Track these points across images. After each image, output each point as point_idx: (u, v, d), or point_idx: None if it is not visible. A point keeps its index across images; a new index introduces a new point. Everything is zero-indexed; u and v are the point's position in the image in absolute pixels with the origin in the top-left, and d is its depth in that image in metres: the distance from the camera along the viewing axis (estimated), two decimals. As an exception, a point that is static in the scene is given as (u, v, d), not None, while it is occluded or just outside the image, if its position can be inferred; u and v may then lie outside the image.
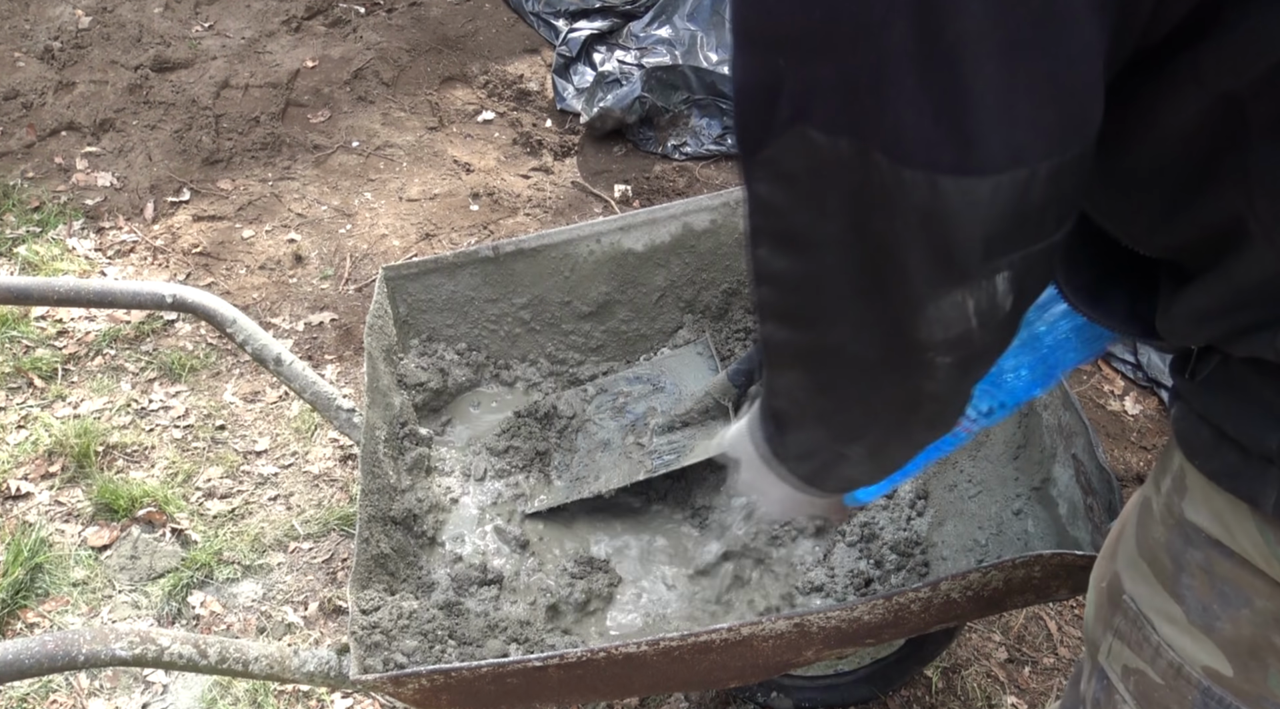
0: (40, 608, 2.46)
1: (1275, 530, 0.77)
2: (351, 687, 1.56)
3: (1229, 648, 0.85)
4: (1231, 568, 0.83)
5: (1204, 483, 0.83)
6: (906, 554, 1.82)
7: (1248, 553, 0.80)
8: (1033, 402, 1.64)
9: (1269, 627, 0.81)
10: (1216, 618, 0.85)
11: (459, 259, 2.07)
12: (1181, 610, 0.88)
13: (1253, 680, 0.84)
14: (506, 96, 4.08)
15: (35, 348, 3.08)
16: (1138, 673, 0.95)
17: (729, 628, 1.42)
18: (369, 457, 1.79)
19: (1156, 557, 0.91)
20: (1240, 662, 0.85)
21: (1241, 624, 0.83)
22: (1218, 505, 0.82)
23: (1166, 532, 0.89)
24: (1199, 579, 0.86)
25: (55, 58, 4.14)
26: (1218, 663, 0.86)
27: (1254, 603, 0.82)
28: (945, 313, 0.71)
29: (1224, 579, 0.84)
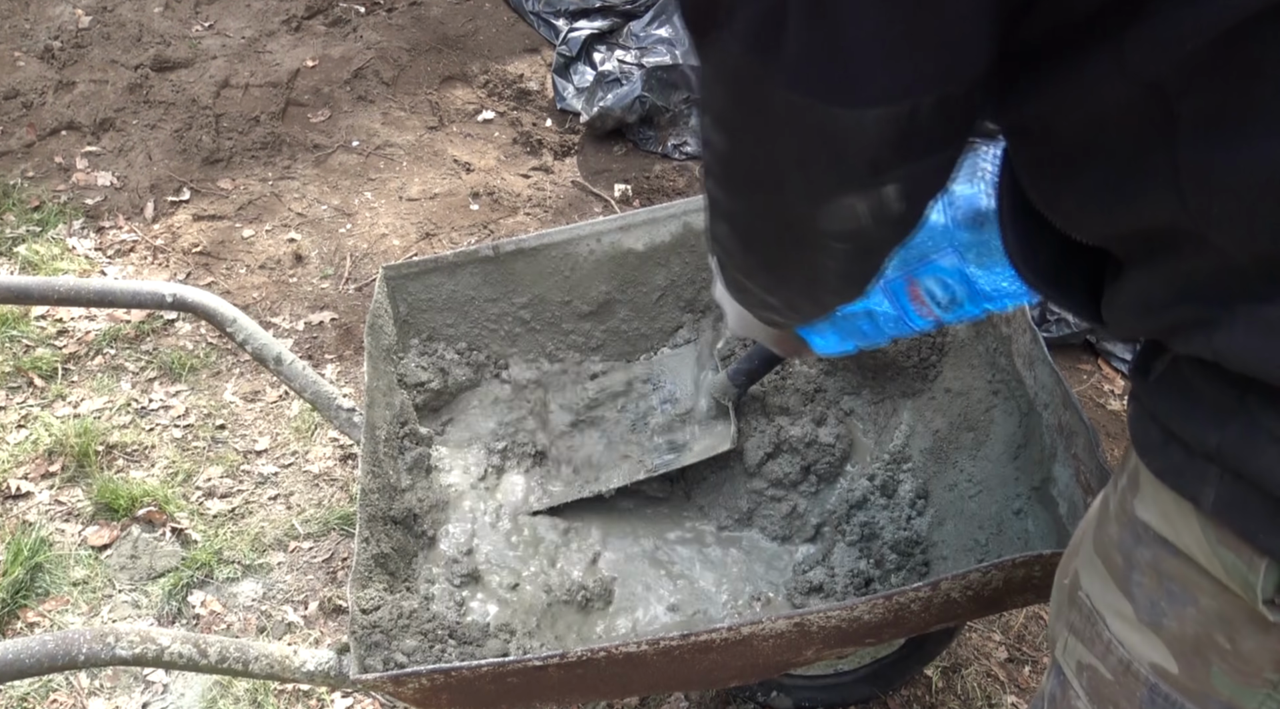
0: (40, 607, 2.46)
1: (1215, 529, 0.78)
2: (352, 686, 1.56)
3: (1175, 645, 0.86)
4: (1177, 566, 0.83)
5: (1153, 481, 0.84)
6: (907, 554, 1.82)
7: (1191, 551, 0.81)
8: (1033, 401, 1.64)
9: (1212, 625, 0.82)
10: (1164, 615, 0.86)
11: (459, 258, 2.07)
12: (1132, 608, 0.89)
13: (1196, 678, 0.85)
14: (506, 96, 4.08)
15: (35, 347, 3.08)
16: (1090, 669, 0.96)
17: (729, 627, 1.42)
18: (369, 456, 1.79)
19: (1110, 554, 0.92)
20: (1185, 659, 0.86)
21: (1187, 622, 0.84)
22: (1165, 504, 0.83)
23: (1119, 529, 0.90)
24: (1148, 577, 0.87)
25: (55, 57, 4.14)
26: (1165, 660, 0.87)
27: (1199, 601, 0.83)
28: (838, 211, 0.79)
29: (1171, 577, 0.84)
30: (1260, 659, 0.80)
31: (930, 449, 1.91)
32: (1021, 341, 1.67)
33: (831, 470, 2.00)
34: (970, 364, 1.87)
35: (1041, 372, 1.60)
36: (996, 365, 1.79)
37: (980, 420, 1.81)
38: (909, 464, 1.93)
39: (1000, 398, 1.78)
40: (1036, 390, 1.62)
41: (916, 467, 1.92)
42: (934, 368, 1.95)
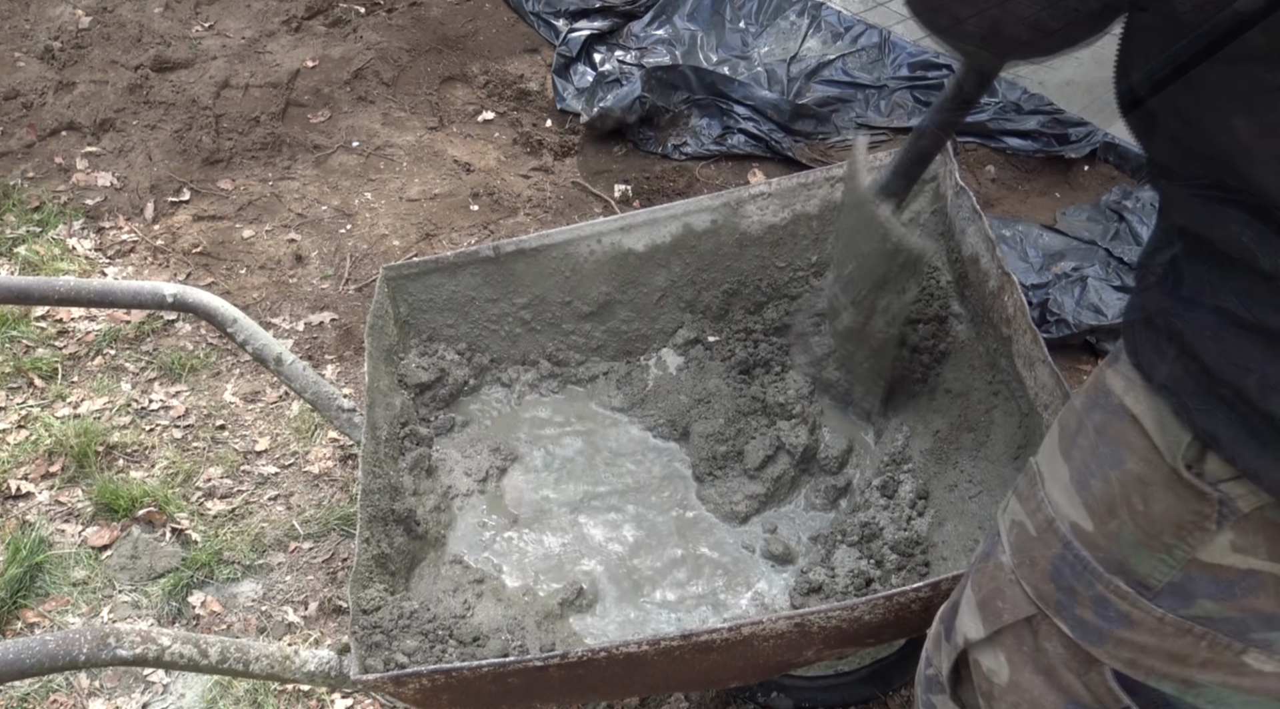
0: (40, 608, 2.46)
1: (1164, 401, 0.87)
2: (352, 686, 1.56)
3: (1094, 505, 0.95)
4: (1121, 428, 0.92)
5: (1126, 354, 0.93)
6: (907, 554, 1.82)
7: (1142, 415, 0.90)
8: (1033, 402, 1.65)
9: (1131, 487, 0.91)
10: (1092, 476, 0.95)
11: (459, 259, 2.07)
12: (1067, 470, 0.99)
13: (1107, 535, 0.94)
14: (506, 96, 4.08)
15: (35, 348, 3.08)
16: (1020, 525, 1.06)
17: (730, 627, 1.42)
18: (370, 457, 1.79)
19: (1067, 419, 1.02)
20: (1100, 519, 0.95)
21: (1111, 482, 0.93)
22: (1132, 373, 0.92)
23: (1085, 397, 0.99)
24: (1089, 439, 0.96)
25: (55, 58, 4.14)
26: (1083, 520, 0.96)
27: (1125, 464, 0.92)
28: None
29: (1111, 439, 0.93)
30: (1164, 522, 0.89)
31: (931, 450, 1.91)
32: (1021, 343, 1.67)
33: (832, 471, 2.00)
34: (970, 365, 1.87)
35: (1041, 372, 1.60)
36: (997, 366, 1.79)
37: (980, 421, 1.81)
38: (909, 465, 1.94)
39: (1000, 399, 1.78)
40: (1036, 391, 1.62)
41: (917, 467, 1.92)
42: (934, 369, 1.95)
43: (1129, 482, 0.92)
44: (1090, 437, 0.96)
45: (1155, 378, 0.88)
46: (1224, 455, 0.84)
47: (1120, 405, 0.93)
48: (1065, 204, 3.43)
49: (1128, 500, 0.92)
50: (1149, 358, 0.89)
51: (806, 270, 2.09)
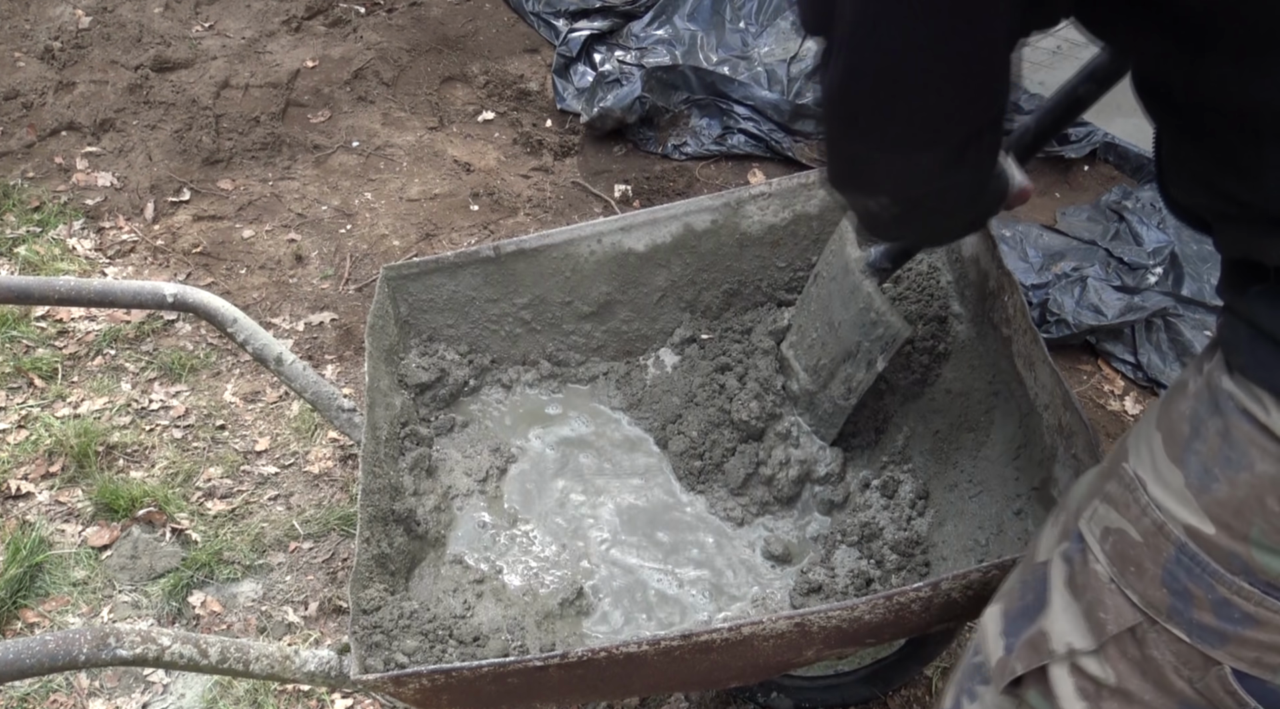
0: (40, 608, 2.46)
1: None
2: (352, 686, 1.56)
3: (1215, 509, 0.95)
4: (1250, 431, 0.92)
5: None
6: (907, 554, 1.82)
7: (1271, 422, 0.90)
8: (1033, 402, 1.65)
9: (1265, 488, 0.91)
10: (1215, 480, 0.94)
11: (460, 259, 2.07)
12: (1181, 475, 0.98)
13: (1234, 538, 0.94)
14: (506, 96, 4.08)
15: (35, 348, 3.08)
16: (1118, 532, 1.04)
17: (729, 627, 1.42)
18: (370, 457, 1.79)
19: (1175, 427, 1.00)
20: (1224, 522, 0.94)
21: (1238, 486, 0.92)
22: (1254, 387, 0.92)
23: (1195, 403, 0.99)
24: (1210, 444, 0.95)
25: (55, 58, 4.14)
26: (1201, 523, 0.96)
27: (1255, 467, 0.91)
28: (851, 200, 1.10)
29: (1236, 443, 0.93)
30: None
31: (931, 450, 1.91)
32: (1021, 342, 1.67)
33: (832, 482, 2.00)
34: (970, 365, 1.87)
35: (1042, 372, 1.60)
36: (997, 366, 1.79)
37: (980, 421, 1.81)
38: (909, 465, 1.94)
39: (1000, 399, 1.78)
40: (1037, 391, 1.62)
41: (917, 467, 1.92)
42: (934, 369, 1.95)
43: (1261, 483, 0.91)
44: (1211, 442, 0.96)
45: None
46: None
47: (1244, 411, 0.93)
48: (1065, 204, 3.43)
49: (1260, 501, 0.92)
50: (1270, 369, 0.90)
51: (807, 270, 2.09)
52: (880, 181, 1.03)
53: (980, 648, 1.26)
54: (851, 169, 1.03)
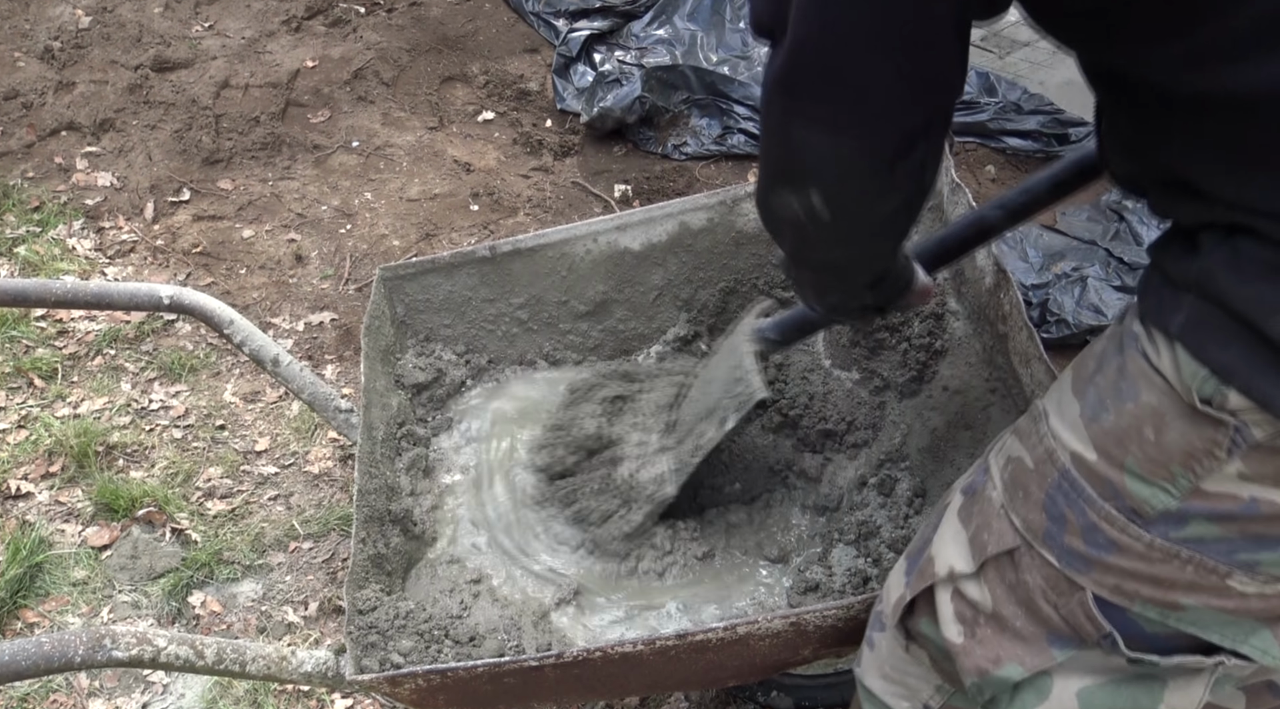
0: (40, 608, 2.46)
1: (1181, 345, 0.92)
2: (349, 687, 1.56)
3: (1100, 438, 1.00)
4: (1143, 366, 0.97)
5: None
6: (904, 553, 1.82)
7: (1160, 363, 0.95)
8: (1030, 400, 1.64)
9: (1145, 418, 0.96)
10: (1105, 410, 1.00)
11: (456, 259, 2.07)
12: (1078, 406, 1.03)
13: (1111, 465, 0.99)
14: (506, 96, 4.08)
15: (35, 348, 3.09)
16: (1017, 461, 1.11)
17: (725, 627, 1.42)
18: (366, 457, 1.79)
19: (1083, 362, 1.07)
20: (1105, 450, 0.99)
21: (1124, 414, 0.98)
22: (1150, 330, 0.97)
23: (1107, 342, 1.05)
24: (1108, 378, 1.01)
25: (55, 58, 4.14)
26: (1086, 450, 1.01)
27: (1140, 396, 0.96)
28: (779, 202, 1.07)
29: (1128, 376, 0.98)
30: (1174, 451, 0.94)
31: (928, 447, 1.91)
32: (1018, 340, 1.67)
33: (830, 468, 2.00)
34: (967, 363, 1.87)
35: (1038, 370, 1.60)
36: (994, 364, 1.79)
37: (978, 419, 1.81)
38: (907, 463, 1.93)
39: (998, 396, 1.78)
40: (1033, 388, 1.62)
41: (914, 465, 1.92)
42: (931, 367, 1.95)
43: (1143, 413, 0.96)
44: (1109, 375, 1.01)
45: (1172, 328, 0.93)
46: (1239, 386, 0.88)
47: (1143, 352, 0.97)
48: (1065, 204, 3.42)
49: (1139, 431, 0.96)
50: (1165, 311, 0.94)
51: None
52: (813, 169, 1.00)
53: (883, 595, 1.33)
54: (786, 153, 1.01)
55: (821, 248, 1.15)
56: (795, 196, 1.03)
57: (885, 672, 1.33)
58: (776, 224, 1.12)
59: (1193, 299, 0.91)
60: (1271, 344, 0.86)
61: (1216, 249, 0.90)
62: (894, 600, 1.27)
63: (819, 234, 1.09)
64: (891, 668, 1.32)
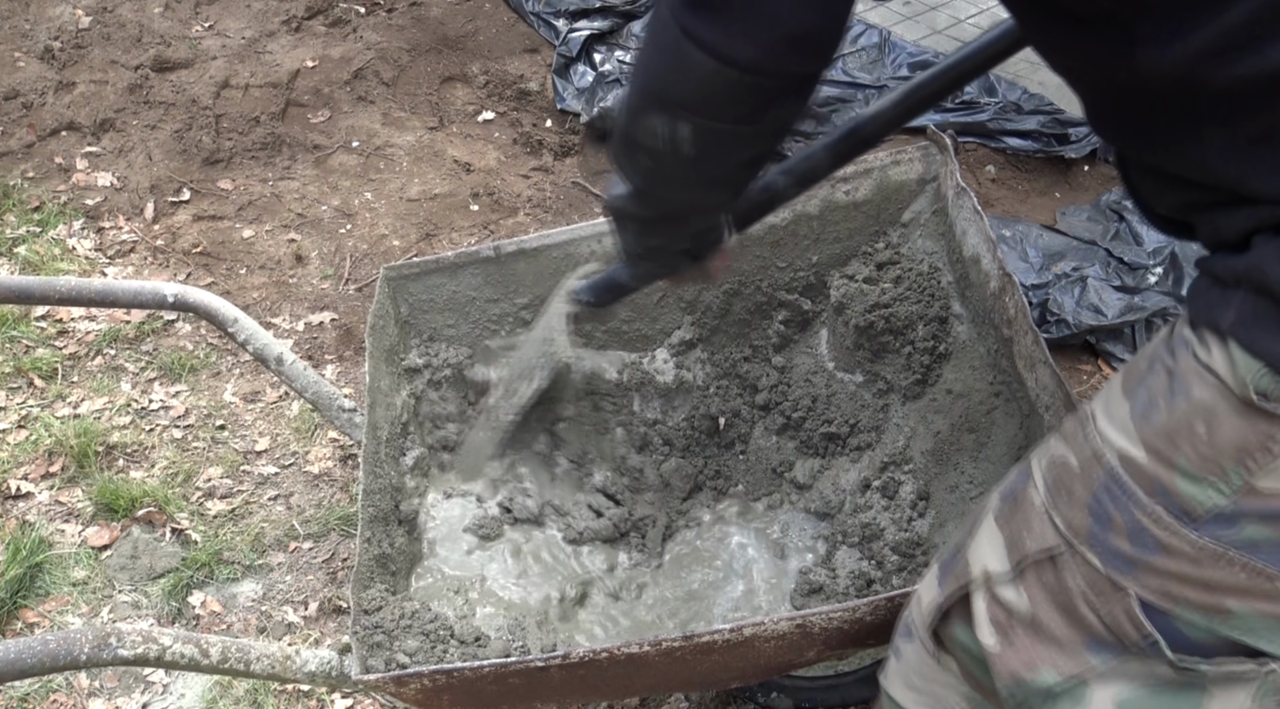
0: (40, 608, 2.46)
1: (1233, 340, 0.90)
2: (353, 687, 1.56)
3: (1150, 437, 0.97)
4: (1194, 365, 0.94)
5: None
6: (908, 555, 1.82)
7: (1213, 361, 0.92)
8: (1034, 403, 1.64)
9: (1196, 414, 0.93)
10: (1156, 409, 0.97)
11: (460, 259, 2.07)
12: (1128, 406, 1.01)
13: (1161, 464, 0.96)
14: (506, 96, 4.08)
15: (35, 348, 3.08)
16: (1061, 462, 1.08)
17: (731, 628, 1.42)
18: (370, 457, 1.79)
19: (1135, 364, 1.04)
20: (1155, 449, 0.97)
21: (1175, 412, 0.95)
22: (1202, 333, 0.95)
23: (1158, 345, 1.02)
24: (1159, 378, 0.98)
25: (55, 58, 4.14)
26: (1135, 450, 0.98)
27: (1192, 393, 0.94)
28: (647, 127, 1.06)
29: (1180, 375, 0.95)
30: (1227, 447, 0.92)
31: (931, 451, 1.91)
32: (1023, 343, 1.67)
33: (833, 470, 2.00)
34: (971, 366, 1.87)
35: (1043, 373, 1.60)
36: (998, 367, 1.79)
37: (981, 422, 1.81)
38: (910, 466, 1.94)
39: (1002, 399, 1.78)
40: (1038, 392, 1.62)
41: (918, 468, 1.92)
42: (935, 370, 1.95)
43: (1195, 409, 0.94)
44: (1160, 376, 0.98)
45: (1223, 324, 0.91)
46: None
47: (1193, 353, 0.95)
48: (1065, 204, 3.43)
49: (1190, 428, 0.94)
50: (1216, 309, 0.92)
51: (807, 270, 2.09)
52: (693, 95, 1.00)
53: (914, 604, 1.30)
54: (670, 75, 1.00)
55: (672, 185, 1.17)
56: (665, 123, 1.04)
57: (912, 681, 1.31)
58: (633, 152, 1.12)
59: (1243, 294, 0.90)
60: None
61: (1267, 244, 0.88)
62: (926, 606, 1.24)
63: (675, 170, 1.10)
64: (919, 677, 1.30)
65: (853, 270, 2.04)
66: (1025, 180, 3.53)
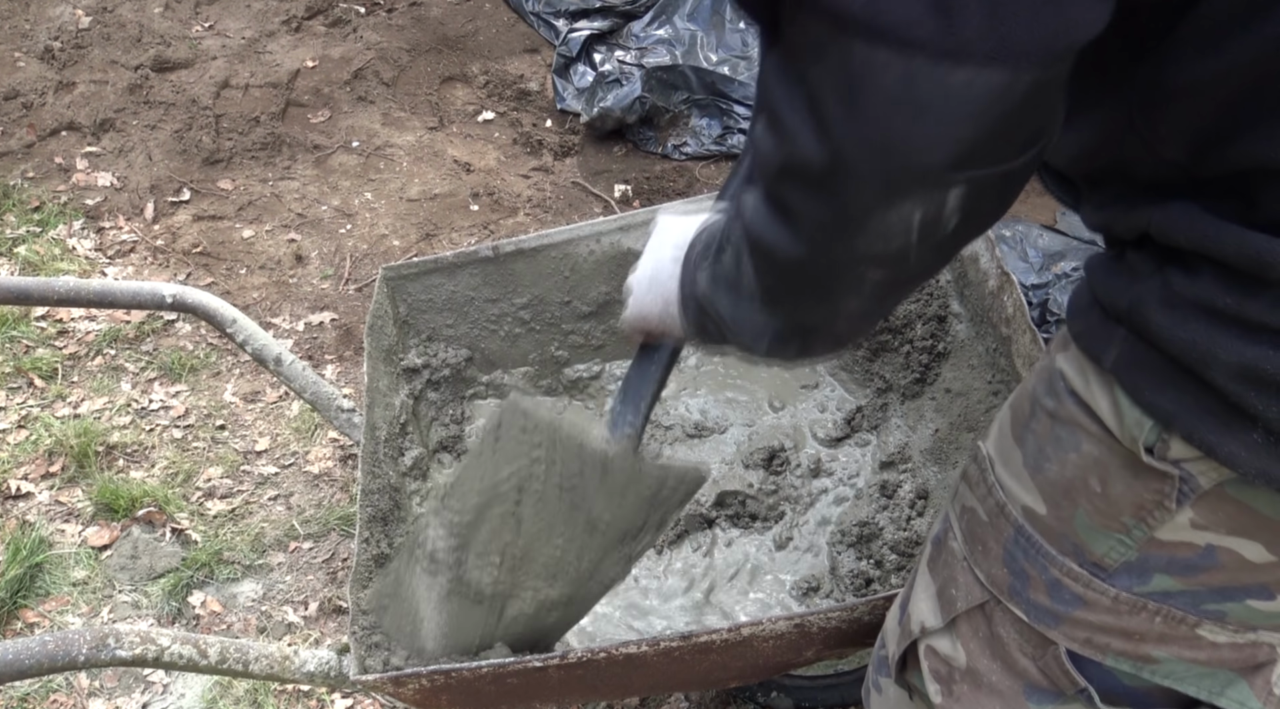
0: (40, 608, 2.46)
1: (1118, 384, 0.86)
2: (352, 687, 1.56)
3: (1048, 490, 0.95)
4: (1075, 413, 0.91)
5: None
6: (907, 554, 1.82)
7: (1095, 402, 0.88)
8: (1033, 402, 1.65)
9: (1089, 469, 0.90)
10: (1047, 460, 0.94)
11: (459, 259, 2.07)
12: (1020, 455, 0.98)
13: (1061, 519, 0.94)
14: (506, 96, 4.08)
15: (35, 348, 3.08)
16: (970, 511, 1.05)
17: (729, 628, 1.42)
18: (369, 457, 1.79)
19: (1020, 404, 1.00)
20: (1054, 502, 0.94)
21: (1067, 466, 0.92)
22: (1082, 358, 0.90)
23: (1037, 381, 0.98)
24: (1043, 424, 0.95)
25: (55, 58, 4.14)
26: (1035, 503, 0.96)
27: (1081, 447, 0.91)
28: (890, 223, 0.71)
29: (1064, 422, 0.92)
30: (1123, 503, 0.89)
31: (930, 450, 1.91)
32: (1021, 342, 1.67)
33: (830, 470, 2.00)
34: (970, 365, 1.87)
35: (1041, 372, 1.60)
36: (996, 366, 1.79)
37: (980, 421, 1.81)
38: (909, 465, 1.94)
39: (1000, 398, 1.78)
40: (1036, 391, 1.62)
41: (916, 467, 1.92)
42: (934, 369, 1.95)
43: (1086, 464, 0.91)
44: (1044, 422, 0.95)
45: (1105, 362, 0.86)
46: (1182, 433, 0.82)
47: (1072, 391, 0.91)
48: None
49: (1085, 483, 0.91)
50: (1099, 342, 0.87)
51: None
52: (958, 148, 0.66)
53: (884, 640, 1.28)
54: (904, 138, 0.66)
55: (920, 270, 0.81)
56: (921, 205, 0.70)
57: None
58: (862, 266, 0.77)
59: (1124, 332, 0.84)
60: (1212, 389, 0.78)
61: (1147, 281, 0.81)
62: (891, 652, 1.23)
63: (925, 253, 0.76)
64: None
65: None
66: (1025, 180, 3.52)
